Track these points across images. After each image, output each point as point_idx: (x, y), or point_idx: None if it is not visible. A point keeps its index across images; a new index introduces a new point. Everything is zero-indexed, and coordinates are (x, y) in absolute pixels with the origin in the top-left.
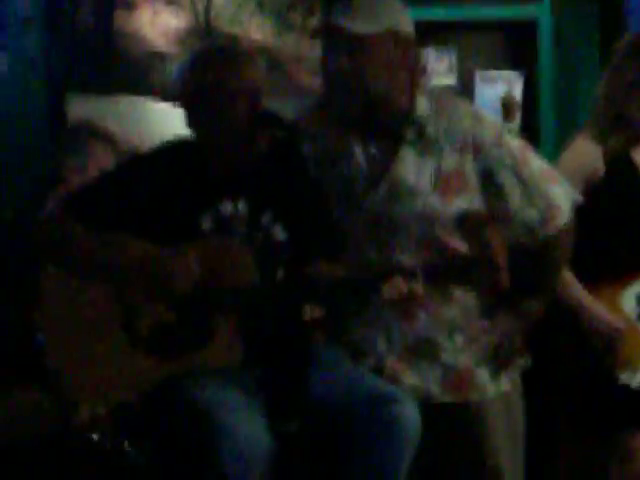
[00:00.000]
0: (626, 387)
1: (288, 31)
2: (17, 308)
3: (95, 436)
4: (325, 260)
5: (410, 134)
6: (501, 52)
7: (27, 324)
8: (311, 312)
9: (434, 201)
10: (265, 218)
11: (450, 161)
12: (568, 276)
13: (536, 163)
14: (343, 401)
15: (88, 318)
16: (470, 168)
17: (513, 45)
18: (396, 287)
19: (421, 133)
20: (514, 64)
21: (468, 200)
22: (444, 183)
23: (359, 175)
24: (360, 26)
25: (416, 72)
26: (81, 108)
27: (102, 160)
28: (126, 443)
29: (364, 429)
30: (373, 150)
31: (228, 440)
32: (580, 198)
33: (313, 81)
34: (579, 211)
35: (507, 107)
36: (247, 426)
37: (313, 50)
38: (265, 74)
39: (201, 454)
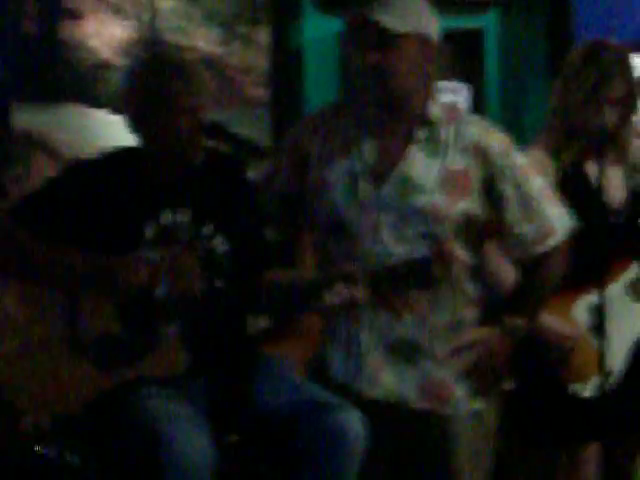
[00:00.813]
0: (577, 397)
1: (234, 41)
2: None
3: (39, 447)
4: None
5: (421, 135)
6: (449, 63)
7: None
8: (257, 322)
9: (439, 199)
10: (206, 229)
11: (457, 164)
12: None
13: (538, 182)
14: (288, 411)
15: (31, 328)
16: (475, 173)
17: (460, 56)
18: (337, 293)
19: (431, 134)
20: (462, 75)
21: (471, 204)
22: (450, 184)
23: (367, 170)
24: (395, 23)
25: (433, 75)
26: (26, 117)
27: (42, 170)
28: (69, 454)
29: (308, 438)
30: (385, 146)
31: (171, 451)
32: (576, 224)
33: (258, 92)
34: None
35: None
36: (191, 437)
37: (258, 60)
38: (210, 85)
39: (145, 465)
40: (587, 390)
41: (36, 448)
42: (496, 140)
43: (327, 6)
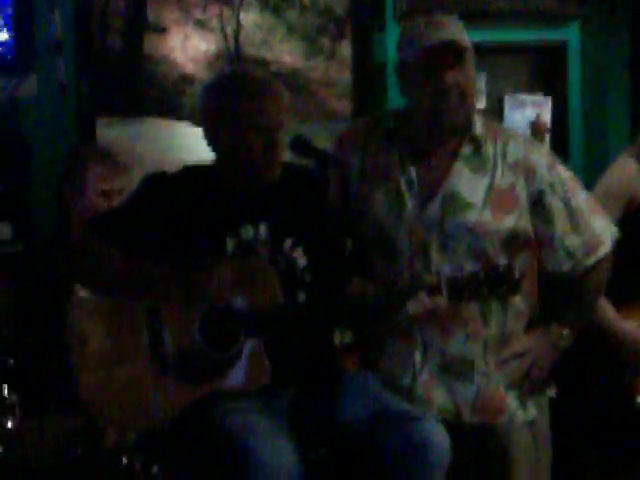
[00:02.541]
0: None
1: (317, 55)
2: (48, 333)
3: (124, 459)
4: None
5: (467, 150)
6: (531, 76)
7: (57, 350)
8: (341, 337)
9: (486, 216)
10: (287, 244)
11: (503, 179)
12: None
13: (583, 194)
14: (371, 425)
15: (116, 344)
16: (521, 189)
17: (543, 69)
18: (420, 303)
19: (478, 150)
20: (544, 88)
21: (517, 219)
22: (496, 200)
23: (412, 188)
24: (460, 39)
25: (476, 90)
26: (110, 132)
27: (101, 184)
28: (155, 467)
29: (393, 454)
30: (429, 164)
31: (256, 465)
32: (618, 233)
33: (341, 105)
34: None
35: (536, 131)
36: (275, 451)
37: (341, 74)
38: (291, 101)
39: (229, 477)
40: None
41: (121, 460)
42: (541, 156)
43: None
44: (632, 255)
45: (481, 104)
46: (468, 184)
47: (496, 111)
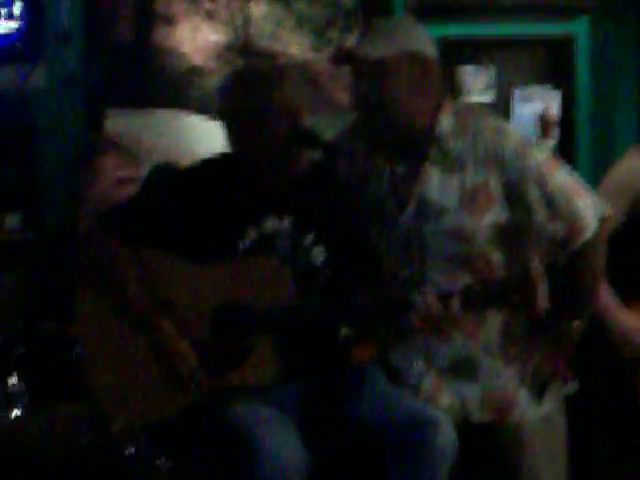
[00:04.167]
0: None
1: (326, 47)
2: (56, 322)
3: (131, 450)
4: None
5: (433, 153)
6: (539, 69)
7: (66, 338)
8: (347, 330)
9: (463, 218)
10: (307, 239)
11: (475, 176)
12: (603, 287)
13: (562, 176)
14: (381, 421)
15: (126, 334)
16: (495, 182)
17: (551, 62)
18: (430, 309)
19: (444, 151)
20: (552, 81)
21: (497, 214)
22: (471, 199)
23: (388, 196)
24: (373, 50)
25: (438, 90)
26: (119, 123)
27: (117, 172)
28: (162, 458)
29: (401, 450)
30: (399, 170)
31: (265, 459)
32: (609, 210)
33: (348, 97)
34: (627, 224)
35: (545, 124)
36: (284, 445)
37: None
38: (303, 93)
39: (237, 472)
40: None
41: (127, 450)
42: (511, 143)
43: (418, 14)
44: (637, 251)
45: (489, 98)
46: (440, 187)
47: (505, 104)
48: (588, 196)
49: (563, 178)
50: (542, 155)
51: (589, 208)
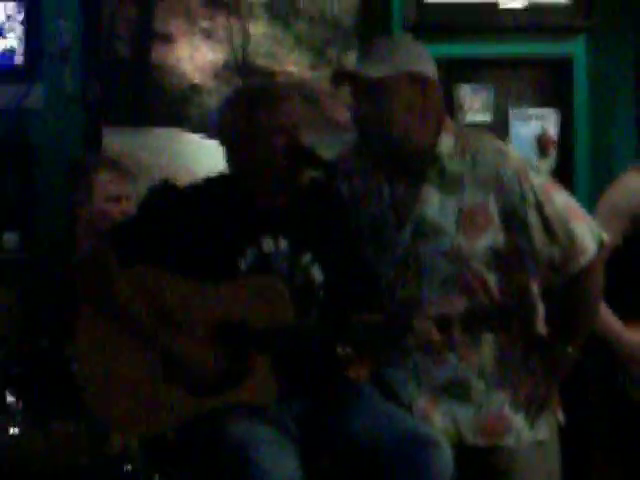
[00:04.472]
0: None
1: (325, 66)
2: (52, 341)
3: (128, 467)
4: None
5: (432, 173)
6: (538, 89)
7: (62, 356)
8: (344, 348)
9: (459, 240)
10: (305, 258)
11: (473, 198)
12: (603, 307)
13: (560, 200)
14: (379, 439)
15: (123, 351)
16: (493, 205)
17: (550, 82)
18: (427, 334)
19: (443, 171)
20: (550, 101)
21: (493, 237)
22: (468, 221)
23: (387, 215)
24: (373, 70)
25: (438, 110)
26: (117, 140)
27: (109, 189)
28: (159, 476)
29: (398, 470)
30: (398, 189)
31: (262, 475)
32: (607, 236)
33: (347, 116)
34: (624, 244)
35: (542, 144)
36: (281, 461)
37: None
38: (302, 111)
39: None
40: None
41: (125, 467)
42: (511, 166)
43: (417, 33)
44: (638, 271)
45: (487, 117)
46: (438, 207)
47: (502, 125)
48: (586, 221)
49: (561, 202)
50: (541, 179)
51: (587, 233)
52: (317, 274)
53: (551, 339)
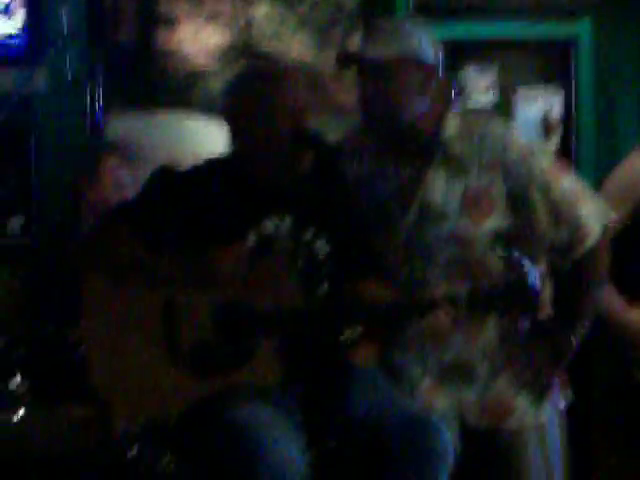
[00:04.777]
0: None
1: (328, 48)
2: (57, 325)
3: (133, 451)
4: (372, 281)
5: (438, 156)
6: (542, 70)
7: (68, 340)
8: (351, 332)
9: (464, 224)
10: (308, 234)
11: (478, 181)
12: (608, 288)
13: (566, 183)
14: (382, 422)
15: (129, 334)
16: (499, 188)
17: (554, 63)
18: (439, 320)
19: (448, 155)
20: (555, 82)
21: (498, 220)
22: (473, 204)
23: (392, 198)
24: (377, 52)
25: (442, 94)
26: (121, 125)
27: (114, 175)
28: (165, 460)
29: (399, 453)
30: (403, 173)
31: (265, 459)
32: (614, 216)
33: (351, 98)
34: (630, 226)
35: (547, 125)
36: (284, 445)
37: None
38: (306, 93)
39: (238, 472)
40: None
41: (129, 452)
42: (517, 150)
43: (421, 14)
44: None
45: (492, 98)
46: (442, 192)
47: (507, 104)
48: (592, 203)
49: (567, 185)
50: (546, 161)
51: (592, 215)
52: (322, 249)
53: (555, 321)
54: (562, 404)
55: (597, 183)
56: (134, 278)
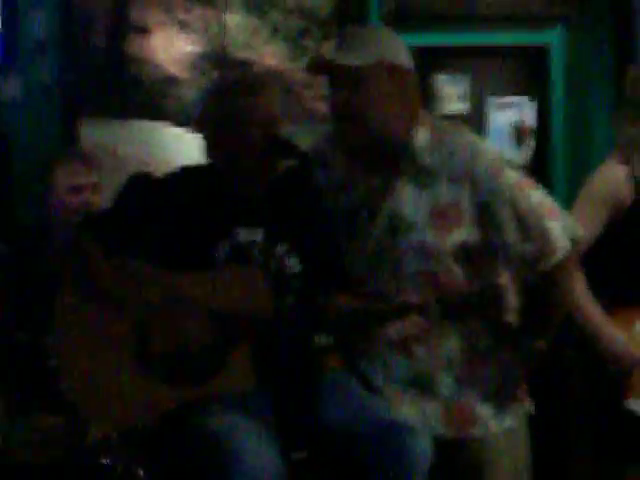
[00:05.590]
0: (635, 415)
1: (302, 57)
2: (28, 334)
3: (106, 460)
4: (340, 292)
5: (407, 166)
6: (515, 79)
7: (41, 350)
8: (320, 338)
9: (430, 235)
10: (281, 248)
11: (447, 193)
12: (587, 298)
13: (534, 197)
14: (355, 428)
15: (101, 343)
16: (467, 201)
17: (526, 72)
18: (412, 323)
19: (417, 165)
20: (527, 91)
21: (465, 233)
22: (441, 216)
23: (360, 207)
24: (349, 59)
25: (414, 102)
26: (95, 132)
27: (69, 179)
28: (138, 468)
29: (375, 457)
30: (373, 182)
31: (240, 466)
32: (582, 233)
33: (324, 107)
34: (606, 234)
35: (520, 134)
36: (259, 452)
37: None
38: (280, 102)
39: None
40: None
41: (103, 460)
42: (486, 163)
43: (394, 23)
44: (619, 260)
45: (464, 106)
46: (410, 203)
47: (480, 113)
48: (560, 217)
49: (535, 199)
50: (515, 175)
51: (561, 230)
52: (294, 265)
53: (521, 331)
54: (526, 411)
55: (571, 191)
56: (102, 295)
